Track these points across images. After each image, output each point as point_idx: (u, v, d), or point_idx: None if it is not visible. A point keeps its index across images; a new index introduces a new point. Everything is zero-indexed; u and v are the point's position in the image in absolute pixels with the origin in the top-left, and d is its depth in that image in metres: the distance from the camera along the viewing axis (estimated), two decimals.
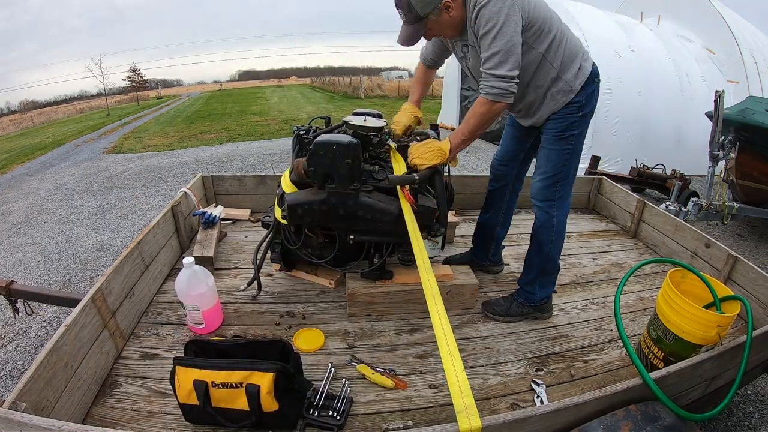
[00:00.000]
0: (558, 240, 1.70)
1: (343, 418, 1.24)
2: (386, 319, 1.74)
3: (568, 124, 1.54)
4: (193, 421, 1.21)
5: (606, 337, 1.67)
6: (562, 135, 1.56)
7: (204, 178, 2.67)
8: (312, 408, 1.26)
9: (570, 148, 1.57)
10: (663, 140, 5.76)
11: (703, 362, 1.22)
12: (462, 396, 0.98)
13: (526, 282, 1.77)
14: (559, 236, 1.69)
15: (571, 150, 1.57)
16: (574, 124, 1.54)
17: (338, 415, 1.25)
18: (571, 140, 1.56)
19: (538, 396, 1.37)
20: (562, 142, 1.57)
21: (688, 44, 6.62)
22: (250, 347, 1.25)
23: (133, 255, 1.69)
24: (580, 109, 1.53)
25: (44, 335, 2.43)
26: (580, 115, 1.53)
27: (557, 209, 1.64)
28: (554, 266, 1.75)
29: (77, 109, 35.34)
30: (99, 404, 1.28)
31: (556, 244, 1.70)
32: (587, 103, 1.54)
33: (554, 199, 1.63)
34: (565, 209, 1.66)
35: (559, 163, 1.58)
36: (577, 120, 1.54)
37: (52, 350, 1.14)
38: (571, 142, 1.56)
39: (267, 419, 1.17)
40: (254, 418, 1.15)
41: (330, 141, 1.47)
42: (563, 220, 1.67)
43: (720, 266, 1.93)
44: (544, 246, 1.69)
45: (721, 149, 3.67)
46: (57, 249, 3.69)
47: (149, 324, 1.66)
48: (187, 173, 6.09)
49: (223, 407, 1.16)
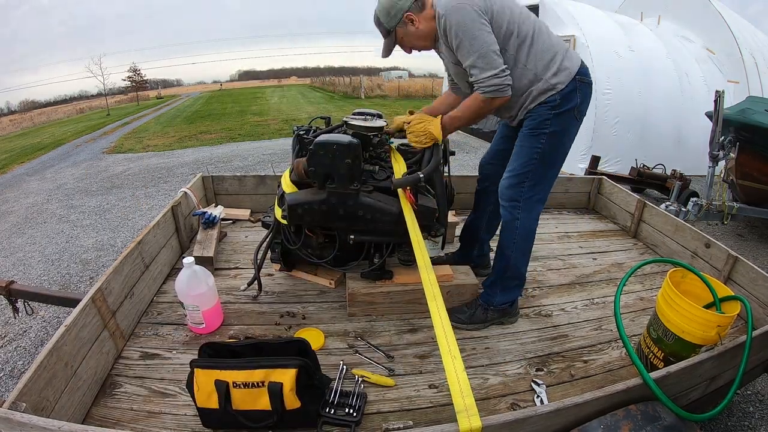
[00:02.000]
0: (521, 245, 1.62)
1: (359, 415, 1.25)
2: (386, 319, 1.73)
3: (540, 121, 1.50)
4: (211, 426, 1.19)
5: (606, 337, 1.67)
6: (533, 132, 1.52)
7: (204, 178, 2.67)
8: (327, 406, 1.26)
9: (540, 148, 1.51)
10: (663, 140, 5.76)
11: (703, 362, 1.22)
12: (462, 396, 0.98)
13: (487, 283, 1.74)
14: (522, 241, 1.61)
15: (542, 150, 1.51)
16: (546, 122, 1.49)
17: (354, 412, 1.25)
18: (542, 139, 1.50)
19: (538, 396, 1.36)
20: (532, 140, 1.52)
21: (688, 44, 6.62)
22: (266, 348, 1.23)
23: (133, 255, 1.68)
24: (554, 108, 1.48)
25: (44, 335, 2.44)
26: (553, 114, 1.48)
27: (522, 211, 1.57)
28: (516, 273, 1.66)
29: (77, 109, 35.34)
30: (99, 404, 1.28)
31: (518, 249, 1.62)
32: (564, 102, 1.47)
33: (519, 200, 1.56)
34: (532, 213, 1.58)
35: (527, 161, 1.53)
36: (550, 118, 1.48)
37: (52, 350, 1.14)
38: (542, 141, 1.50)
39: (289, 417, 1.16)
40: (276, 417, 1.14)
41: (330, 141, 1.47)
42: (528, 226, 1.59)
43: (720, 266, 1.93)
44: (505, 249, 1.64)
45: (721, 149, 3.67)
46: (57, 249, 3.69)
47: (149, 324, 1.66)
48: (187, 173, 6.09)
49: (244, 409, 1.15)
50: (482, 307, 1.70)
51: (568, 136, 1.55)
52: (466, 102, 1.50)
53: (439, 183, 1.65)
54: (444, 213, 1.65)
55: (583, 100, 1.50)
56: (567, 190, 3.05)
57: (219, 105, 21.20)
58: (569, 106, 1.48)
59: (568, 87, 1.46)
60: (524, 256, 1.65)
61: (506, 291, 1.68)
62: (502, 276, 1.68)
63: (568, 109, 1.48)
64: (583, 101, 1.51)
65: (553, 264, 2.25)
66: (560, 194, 3.04)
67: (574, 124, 1.53)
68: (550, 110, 1.48)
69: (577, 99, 1.48)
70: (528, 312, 1.82)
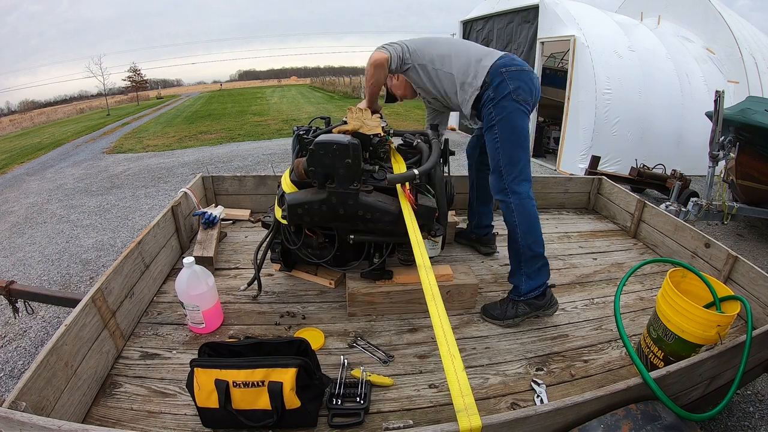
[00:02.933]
0: (525, 222, 1.69)
1: (366, 402, 1.27)
2: (386, 319, 1.74)
3: (487, 117, 1.71)
4: (211, 426, 1.19)
5: (606, 337, 1.67)
6: (487, 128, 1.72)
7: (204, 178, 2.67)
8: (334, 398, 1.28)
9: (497, 137, 1.68)
10: (663, 140, 5.76)
11: (703, 362, 1.22)
12: (462, 395, 0.98)
13: (511, 275, 1.80)
14: (522, 218, 1.69)
15: (499, 138, 1.68)
16: (491, 115, 1.68)
17: (362, 399, 1.27)
18: (495, 129, 1.68)
19: (538, 395, 1.36)
20: (489, 134, 1.72)
21: (688, 44, 6.62)
22: (266, 347, 1.24)
23: (133, 255, 1.69)
24: (491, 100, 1.68)
25: (44, 335, 2.44)
26: (492, 105, 1.67)
27: (511, 194, 1.70)
28: (533, 252, 1.71)
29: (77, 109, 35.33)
30: (99, 404, 1.28)
31: (521, 228, 1.69)
32: (497, 92, 1.66)
33: (505, 187, 1.70)
34: (521, 193, 1.70)
35: (494, 154, 1.71)
36: (492, 110, 1.68)
37: (52, 350, 1.14)
38: (496, 131, 1.68)
39: (289, 417, 1.17)
40: (276, 417, 1.14)
41: (330, 141, 1.47)
42: (523, 203, 1.69)
43: (720, 266, 1.93)
44: (514, 234, 1.72)
45: (721, 149, 3.67)
46: (57, 249, 3.69)
47: (149, 324, 1.66)
48: (187, 173, 6.09)
49: (244, 408, 1.15)
50: (512, 301, 1.74)
51: (517, 118, 1.69)
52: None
53: (439, 183, 1.65)
54: (444, 213, 1.66)
55: (518, 85, 1.66)
56: (567, 190, 3.05)
57: (219, 105, 21.19)
58: (503, 93, 1.66)
59: (495, 80, 1.66)
60: (531, 233, 1.70)
61: (531, 276, 1.71)
62: (519, 260, 1.73)
63: (503, 96, 1.66)
64: (519, 86, 1.66)
65: (554, 264, 2.25)
66: (560, 194, 3.05)
67: (517, 107, 1.67)
68: (490, 103, 1.69)
69: (508, 86, 1.65)
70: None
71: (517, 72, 1.68)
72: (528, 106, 1.70)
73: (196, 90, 63.50)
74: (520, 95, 1.67)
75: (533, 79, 1.72)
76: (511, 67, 1.68)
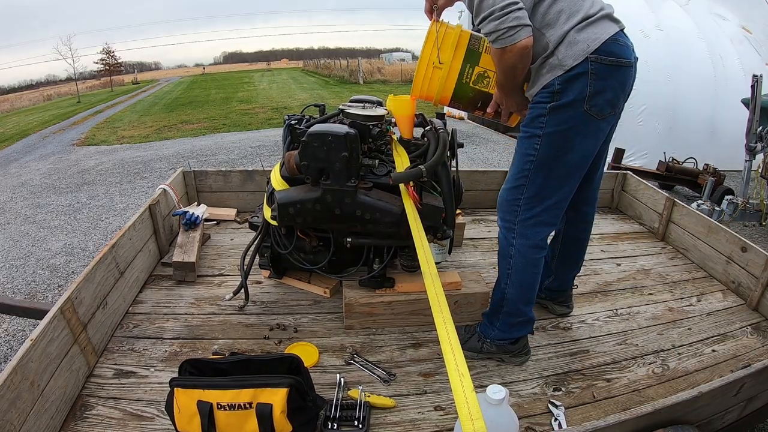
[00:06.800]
0: (517, 278, 1.45)
1: (365, 426, 1.26)
2: (387, 332, 1.73)
3: (533, 117, 1.30)
4: None
5: (631, 353, 1.67)
6: (526, 132, 1.33)
7: (185, 173, 2.67)
8: (329, 421, 1.27)
9: (533, 155, 1.31)
10: (694, 131, 5.75)
11: (738, 381, 1.22)
12: (471, 419, 0.97)
13: (486, 312, 1.64)
14: (518, 273, 1.44)
15: (536, 158, 1.31)
16: (540, 119, 1.27)
17: (360, 423, 1.27)
18: (535, 143, 1.30)
19: (555, 419, 1.36)
20: (524, 143, 1.34)
21: (723, 23, 6.60)
22: (254, 365, 1.23)
23: (107, 260, 1.68)
24: (551, 98, 1.24)
25: (8, 350, 2.44)
26: (548, 108, 1.25)
27: (517, 236, 1.40)
28: (514, 310, 1.50)
29: (44, 96, 35.28)
30: (68, 428, 1.28)
31: (513, 282, 1.46)
32: (564, 92, 1.22)
33: (514, 221, 1.40)
34: (530, 239, 1.40)
35: (519, 172, 1.37)
36: (545, 114, 1.26)
37: (16, 368, 1.14)
38: (536, 146, 1.30)
39: None
40: None
41: (325, 132, 1.47)
42: (525, 254, 1.41)
43: (758, 273, 1.93)
44: (501, 278, 1.51)
45: (759, 141, 3.66)
46: (22, 253, 3.69)
47: (124, 338, 1.66)
48: (167, 168, 6.10)
49: None
50: (479, 335, 1.61)
51: (577, 141, 1.28)
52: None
53: (446, 179, 1.64)
54: (451, 213, 1.65)
55: (602, 88, 1.21)
56: None
57: (201, 91, 21.21)
58: (571, 97, 1.22)
59: (576, 69, 1.19)
60: (523, 291, 1.48)
61: (506, 328, 1.54)
62: (499, 310, 1.54)
63: (570, 102, 1.22)
64: (604, 91, 1.22)
65: None
66: None
67: (585, 124, 1.25)
68: (546, 100, 1.25)
69: (586, 88, 1.20)
70: (545, 324, 1.82)
71: (609, 68, 1.21)
72: (604, 123, 1.29)
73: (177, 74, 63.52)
74: (598, 106, 1.23)
75: (628, 78, 1.28)
76: (606, 56, 1.20)
